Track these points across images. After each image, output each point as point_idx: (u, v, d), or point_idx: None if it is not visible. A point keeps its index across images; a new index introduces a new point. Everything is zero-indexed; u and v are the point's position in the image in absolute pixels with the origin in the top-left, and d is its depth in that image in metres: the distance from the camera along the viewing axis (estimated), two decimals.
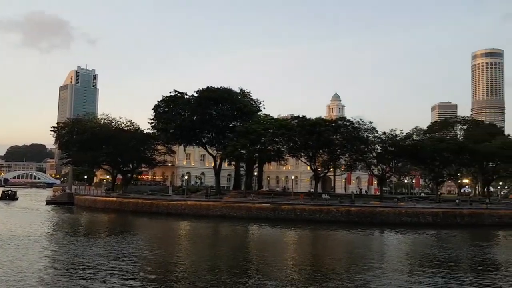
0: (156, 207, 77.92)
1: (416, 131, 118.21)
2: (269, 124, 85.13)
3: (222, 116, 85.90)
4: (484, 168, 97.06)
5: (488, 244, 52.10)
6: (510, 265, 37.83)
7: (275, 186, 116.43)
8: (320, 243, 51.08)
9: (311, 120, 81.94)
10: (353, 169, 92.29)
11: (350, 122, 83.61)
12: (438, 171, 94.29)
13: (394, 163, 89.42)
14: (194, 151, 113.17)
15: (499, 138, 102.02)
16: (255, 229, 59.30)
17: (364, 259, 38.69)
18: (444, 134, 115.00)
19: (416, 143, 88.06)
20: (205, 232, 56.48)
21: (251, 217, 70.52)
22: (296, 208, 72.14)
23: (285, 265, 34.71)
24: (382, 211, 72.09)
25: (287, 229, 59.91)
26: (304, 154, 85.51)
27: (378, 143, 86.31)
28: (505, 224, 71.45)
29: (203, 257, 37.81)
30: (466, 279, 31.21)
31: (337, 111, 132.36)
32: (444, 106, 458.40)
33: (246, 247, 45.17)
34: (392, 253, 43.48)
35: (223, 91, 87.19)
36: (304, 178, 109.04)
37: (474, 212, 75.02)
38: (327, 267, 34.50)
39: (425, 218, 71.35)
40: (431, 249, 45.80)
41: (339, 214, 70.90)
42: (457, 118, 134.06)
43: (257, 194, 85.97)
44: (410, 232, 60.45)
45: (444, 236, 58.09)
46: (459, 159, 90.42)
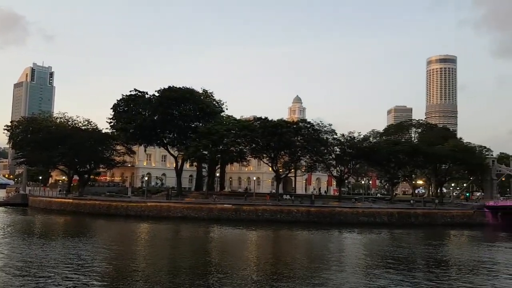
0: (114, 209, 76.08)
1: (373, 133, 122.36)
2: (231, 125, 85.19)
3: (184, 116, 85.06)
4: (437, 170, 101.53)
5: (441, 243, 54.66)
6: (461, 263, 39.94)
7: (237, 187, 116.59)
8: (281, 243, 51.78)
9: (273, 122, 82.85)
10: (313, 170, 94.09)
11: (310, 124, 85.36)
12: (394, 172, 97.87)
13: (352, 164, 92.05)
14: (155, 152, 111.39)
15: (452, 141, 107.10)
16: (216, 230, 59.24)
17: (322, 258, 39.65)
18: (400, 137, 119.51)
19: (373, 145, 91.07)
20: (166, 234, 55.86)
21: (213, 218, 70.39)
22: (258, 209, 72.70)
23: (245, 266, 34.99)
24: (341, 211, 74.00)
25: (249, 230, 60.29)
26: (266, 155, 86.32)
27: (337, 145, 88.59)
28: (457, 224, 75.18)
29: (163, 259, 37.45)
30: (420, 278, 32.68)
31: (298, 113, 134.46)
32: (400, 110, 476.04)
33: (207, 249, 45.07)
34: (350, 252, 44.75)
35: (185, 91, 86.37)
36: (266, 179, 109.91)
37: (427, 212, 78.47)
38: (286, 267, 35.05)
39: (381, 218, 73.90)
40: (387, 248, 47.53)
41: (299, 215, 72.12)
42: (412, 122, 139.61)
43: (219, 195, 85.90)
44: (367, 232, 62.41)
45: (399, 236, 60.40)
46: (414, 161, 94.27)
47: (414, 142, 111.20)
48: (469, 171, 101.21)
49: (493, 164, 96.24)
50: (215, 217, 70.81)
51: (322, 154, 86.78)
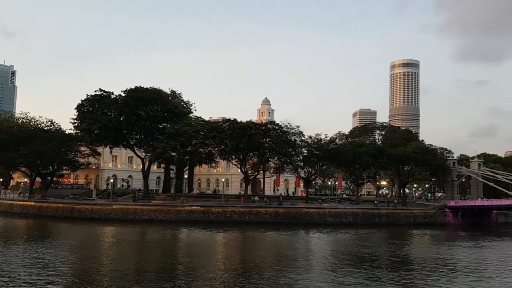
0: (78, 212, 74.15)
1: (339, 135, 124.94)
2: (200, 127, 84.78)
3: (151, 117, 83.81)
4: (400, 171, 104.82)
5: (404, 242, 56.53)
6: (422, 261, 41.53)
7: (206, 188, 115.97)
8: (249, 245, 52.06)
9: (242, 123, 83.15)
10: (281, 172, 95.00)
11: (279, 126, 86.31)
12: (359, 173, 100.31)
13: (319, 166, 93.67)
14: (121, 153, 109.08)
15: (414, 143, 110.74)
16: (184, 233, 58.87)
17: (290, 258, 40.25)
18: (364, 139, 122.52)
19: (339, 147, 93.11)
20: (132, 237, 54.94)
21: (181, 220, 69.86)
22: (227, 210, 72.75)
23: (214, 268, 35.03)
24: (308, 212, 75.19)
25: (217, 231, 60.25)
26: (235, 157, 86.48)
27: (304, 146, 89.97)
28: (419, 224, 77.96)
29: (129, 262, 36.87)
30: (383, 276, 33.78)
31: (267, 115, 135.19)
32: (365, 113, 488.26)
33: (175, 251, 44.74)
34: (316, 252, 45.60)
35: (153, 91, 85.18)
36: (235, 180, 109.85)
37: (391, 212, 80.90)
38: (255, 267, 35.35)
39: (347, 218, 75.63)
40: (352, 248, 48.76)
41: (267, 216, 72.73)
42: (376, 124, 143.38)
43: (187, 197, 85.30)
44: (333, 232, 63.75)
45: (364, 235, 61.99)
46: (378, 162, 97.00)
47: (378, 144, 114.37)
48: (430, 172, 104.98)
49: (454, 166, 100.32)
50: (183, 219, 70.31)
51: (290, 156, 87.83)
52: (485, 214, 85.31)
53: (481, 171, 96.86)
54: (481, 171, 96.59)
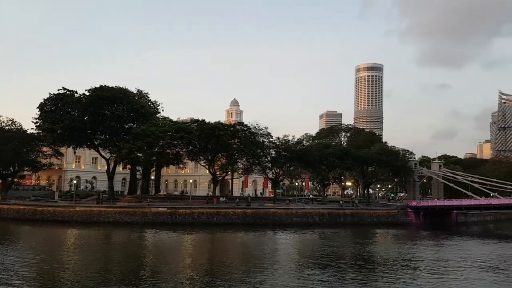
0: (40, 214, 71.64)
1: (306, 137, 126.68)
2: (167, 127, 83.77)
3: (117, 117, 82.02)
4: (364, 172, 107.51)
5: (367, 242, 58.08)
6: (385, 260, 42.86)
7: (173, 190, 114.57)
8: (217, 246, 52.03)
9: (211, 124, 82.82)
10: (249, 173, 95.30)
11: (247, 127, 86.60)
12: (325, 174, 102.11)
13: (286, 167, 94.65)
14: (84, 154, 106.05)
15: (378, 145, 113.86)
16: (150, 235, 58.05)
17: (257, 259, 40.56)
18: (331, 141, 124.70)
19: (306, 149, 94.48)
20: (96, 240, 53.73)
21: (147, 222, 68.85)
22: (194, 212, 72.28)
23: (180, 270, 34.82)
24: (275, 212, 75.88)
25: (185, 233, 59.80)
26: (203, 158, 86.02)
27: (272, 147, 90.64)
28: (383, 223, 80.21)
29: (93, 265, 35.95)
30: (347, 275, 34.66)
31: (235, 116, 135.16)
32: (331, 115, 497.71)
33: (140, 254, 44.03)
34: (283, 252, 46.17)
35: (119, 90, 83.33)
36: (203, 181, 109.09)
37: (355, 212, 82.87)
38: (222, 269, 35.39)
39: (313, 218, 76.86)
40: (318, 247, 49.70)
41: (235, 217, 72.83)
42: (341, 126, 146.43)
43: (154, 199, 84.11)
44: (300, 232, 64.65)
45: (329, 235, 63.25)
46: (343, 163, 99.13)
47: (343, 146, 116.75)
48: (393, 173, 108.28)
49: (416, 167, 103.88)
50: (150, 221, 69.32)
51: (258, 157, 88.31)
52: (446, 214, 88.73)
53: (441, 172, 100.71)
54: (442, 172, 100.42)
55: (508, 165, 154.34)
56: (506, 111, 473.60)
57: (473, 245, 57.20)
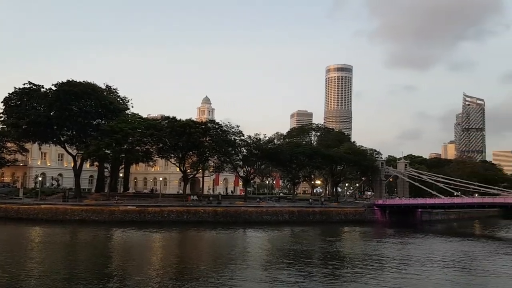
0: (4, 212, 68.94)
1: (277, 136, 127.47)
2: (137, 124, 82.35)
3: (85, 113, 79.96)
4: (333, 171, 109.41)
5: (335, 239, 59.27)
6: (352, 257, 43.90)
7: (142, 188, 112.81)
8: (187, 244, 51.75)
9: (182, 121, 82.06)
10: (221, 171, 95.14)
11: (219, 125, 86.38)
12: (295, 173, 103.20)
13: (258, 165, 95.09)
14: (51, 150, 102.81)
15: (346, 144, 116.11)
16: (118, 233, 57.11)
17: (227, 257, 40.69)
18: (301, 140, 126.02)
19: (277, 147, 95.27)
20: (62, 238, 52.38)
21: (115, 221, 67.51)
22: (164, 210, 71.53)
23: (149, 268, 34.46)
24: (246, 210, 76.13)
25: (154, 231, 59.12)
26: (173, 155, 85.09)
27: (244, 146, 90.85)
28: (350, 221, 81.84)
29: (58, 265, 35.09)
30: (315, 271, 35.34)
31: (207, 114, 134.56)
32: (302, 114, 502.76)
33: (108, 253, 43.27)
34: (253, 250, 46.49)
35: (86, 85, 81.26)
36: (173, 179, 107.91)
37: (324, 210, 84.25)
38: (192, 267, 35.31)
39: (283, 216, 77.62)
40: (287, 245, 50.30)
41: (206, 215, 72.56)
42: (312, 126, 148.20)
43: (122, 197, 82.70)
44: (270, 230, 65.19)
45: (298, 233, 64.08)
46: (313, 162, 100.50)
47: (313, 145, 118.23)
48: (361, 172, 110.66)
49: (382, 166, 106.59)
50: (118, 219, 68.03)
51: (229, 155, 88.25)
52: (411, 212, 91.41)
53: (407, 171, 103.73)
54: (407, 172, 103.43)
55: (471, 165, 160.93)
56: (470, 113, 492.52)
57: (437, 243, 59.21)
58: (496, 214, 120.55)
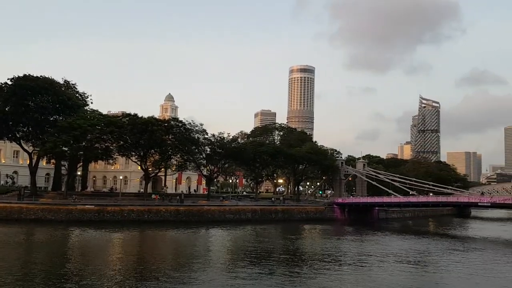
0: None
1: (241, 135, 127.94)
2: (96, 120, 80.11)
3: (42, 109, 77.07)
4: (295, 170, 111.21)
5: (297, 237, 60.34)
6: (313, 254, 44.96)
7: (101, 186, 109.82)
8: (147, 244, 51.03)
9: (143, 119, 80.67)
10: (184, 169, 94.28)
11: (182, 123, 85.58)
12: (258, 172, 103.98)
13: (221, 164, 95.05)
14: (5, 147, 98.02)
15: (308, 144, 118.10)
16: (76, 233, 55.57)
17: (189, 257, 40.62)
18: (264, 139, 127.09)
19: (241, 146, 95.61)
20: (16, 238, 50.19)
21: (73, 220, 65.61)
22: (124, 209, 70.15)
23: (108, 269, 33.78)
24: (209, 209, 75.99)
25: (113, 231, 57.93)
26: (135, 153, 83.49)
27: (208, 144, 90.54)
28: (311, 219, 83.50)
29: (13, 266, 33.79)
30: (277, 269, 35.96)
31: (170, 112, 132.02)
32: (266, 114, 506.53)
33: (64, 253, 41.95)
34: (215, 249, 46.63)
35: (44, 80, 78.31)
36: (134, 178, 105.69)
37: (286, 208, 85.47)
38: (152, 267, 34.89)
39: (246, 215, 78.10)
40: (249, 243, 50.74)
41: (168, 214, 71.79)
42: (275, 125, 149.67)
43: (80, 195, 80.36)
44: (233, 228, 65.48)
45: (260, 231, 64.71)
46: (276, 161, 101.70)
47: (276, 144, 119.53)
48: (322, 171, 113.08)
49: (342, 166, 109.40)
50: (75, 219, 66.16)
51: (193, 153, 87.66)
52: (368, 211, 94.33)
53: (365, 171, 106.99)
54: (366, 171, 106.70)
55: (426, 165, 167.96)
56: (425, 115, 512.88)
57: (393, 240, 61.51)
58: (449, 213, 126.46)
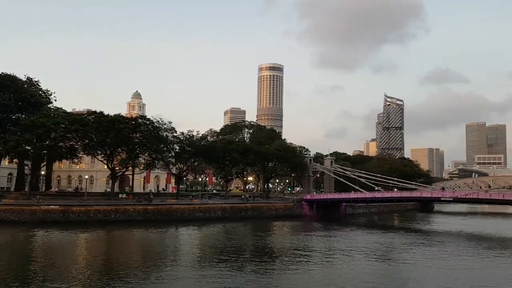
0: None
1: (210, 132, 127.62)
2: (61, 118, 78.08)
3: (3, 106, 74.64)
4: (265, 167, 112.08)
5: (266, 234, 60.89)
6: (282, 250, 45.52)
7: (66, 186, 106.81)
8: (114, 245, 50.17)
9: (110, 117, 79.10)
10: (152, 168, 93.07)
11: (150, 121, 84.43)
12: (228, 169, 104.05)
13: (191, 162, 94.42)
14: None
15: (278, 142, 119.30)
16: (40, 234, 53.93)
17: (158, 256, 40.31)
18: (234, 137, 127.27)
19: (210, 144, 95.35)
20: None
21: (37, 221, 63.53)
22: (90, 209, 68.59)
23: (73, 271, 32.93)
24: (178, 208, 75.41)
25: (79, 232, 56.53)
26: (101, 152, 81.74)
27: (176, 142, 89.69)
28: (281, 216, 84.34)
29: None
30: (246, 266, 36.28)
31: (138, 109, 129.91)
32: (235, 111, 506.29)
33: (29, 255, 40.65)
34: (184, 248, 46.46)
35: (5, 77, 75.72)
36: (100, 177, 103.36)
37: (256, 206, 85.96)
38: (119, 268, 34.39)
39: (216, 213, 78.03)
40: (219, 241, 50.88)
41: (136, 214, 70.74)
42: (245, 123, 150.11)
43: (44, 196, 77.99)
44: (203, 227, 65.33)
45: (230, 229, 64.90)
46: (246, 159, 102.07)
47: (246, 142, 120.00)
48: (291, 169, 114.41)
49: (310, 163, 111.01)
50: (40, 219, 64.12)
51: (161, 152, 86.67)
52: (336, 207, 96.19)
53: (333, 168, 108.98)
54: (333, 168, 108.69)
55: (391, 161, 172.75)
56: (390, 112, 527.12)
57: (359, 235, 63.10)
58: (413, 208, 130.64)
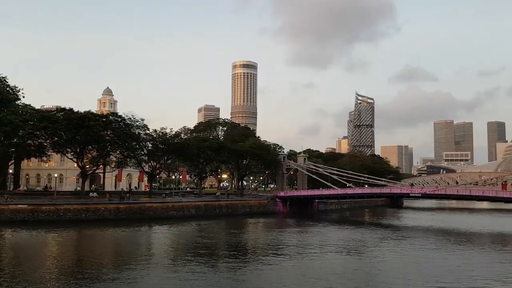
0: None
1: (184, 130, 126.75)
2: (29, 116, 76.00)
3: None
4: (239, 165, 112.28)
5: (240, 231, 61.16)
6: (256, 247, 45.89)
7: (35, 185, 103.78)
8: (85, 244, 49.18)
9: (80, 114, 77.41)
10: (124, 166, 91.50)
11: (122, 118, 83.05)
12: (202, 167, 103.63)
13: (164, 160, 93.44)
14: None
15: (252, 139, 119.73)
16: (8, 235, 52.30)
17: (130, 255, 39.84)
18: (208, 134, 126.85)
19: (184, 142, 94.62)
20: None
21: (4, 220, 61.51)
22: (59, 208, 67.00)
23: (42, 272, 32.02)
24: (151, 206, 74.61)
25: (48, 231, 55.18)
26: (70, 150, 79.87)
27: (149, 140, 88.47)
28: (255, 213, 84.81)
29: None
30: (220, 263, 36.44)
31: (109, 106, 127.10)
32: (209, 109, 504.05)
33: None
34: (158, 246, 46.13)
35: None
36: (70, 175, 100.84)
37: (230, 203, 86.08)
38: (90, 268, 33.72)
39: (189, 211, 77.68)
40: (193, 239, 50.78)
41: (107, 212, 69.54)
42: (219, 120, 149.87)
43: (12, 195, 75.57)
44: (176, 225, 64.91)
45: (204, 227, 64.79)
46: (220, 156, 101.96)
47: (220, 140, 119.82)
48: (265, 166, 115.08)
49: (284, 160, 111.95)
50: (7, 219, 62.18)
51: (133, 150, 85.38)
52: (309, 203, 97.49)
53: (306, 165, 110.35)
54: (306, 165, 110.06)
55: (362, 158, 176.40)
56: (361, 110, 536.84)
57: (332, 230, 64.27)
58: (383, 204, 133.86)
